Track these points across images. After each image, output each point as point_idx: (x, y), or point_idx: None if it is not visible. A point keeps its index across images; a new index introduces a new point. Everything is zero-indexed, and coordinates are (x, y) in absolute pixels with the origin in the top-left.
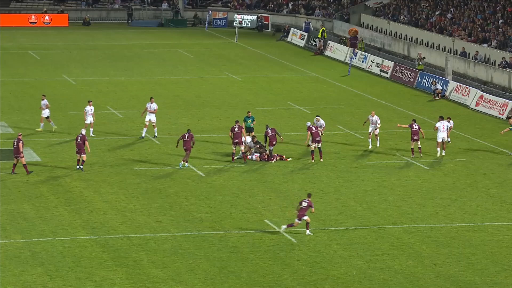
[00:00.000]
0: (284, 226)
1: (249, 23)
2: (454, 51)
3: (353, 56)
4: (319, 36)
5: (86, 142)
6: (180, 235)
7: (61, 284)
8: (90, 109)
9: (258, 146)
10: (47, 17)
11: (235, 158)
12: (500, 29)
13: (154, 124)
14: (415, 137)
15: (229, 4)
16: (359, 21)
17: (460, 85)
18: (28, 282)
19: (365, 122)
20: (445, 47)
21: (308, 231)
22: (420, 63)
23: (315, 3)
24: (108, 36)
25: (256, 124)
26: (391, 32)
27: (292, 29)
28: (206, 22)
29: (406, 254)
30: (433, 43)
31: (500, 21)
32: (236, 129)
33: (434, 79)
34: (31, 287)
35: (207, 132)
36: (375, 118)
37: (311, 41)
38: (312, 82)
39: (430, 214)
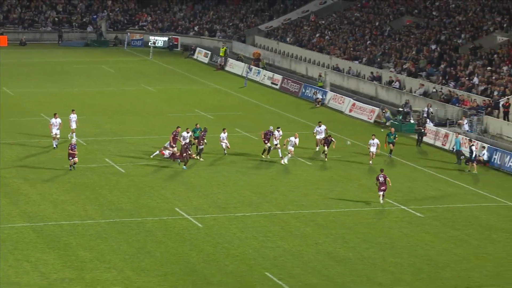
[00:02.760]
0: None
1: (162, 43)
2: (331, 67)
3: (248, 71)
4: (221, 54)
5: (75, 150)
6: (104, 222)
7: (1, 264)
8: (73, 116)
9: (169, 146)
10: None
11: (152, 156)
12: (368, 49)
13: (58, 137)
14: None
15: (144, 27)
16: (254, 42)
17: (336, 95)
18: None
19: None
20: (324, 63)
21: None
22: (321, 80)
23: (217, 26)
24: (42, 54)
25: (174, 128)
26: (280, 51)
27: (198, 48)
28: (125, 42)
29: (292, 235)
30: (314, 60)
31: (368, 42)
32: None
33: (315, 90)
34: None
35: (127, 135)
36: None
37: (214, 59)
38: (215, 93)
39: (312, 201)
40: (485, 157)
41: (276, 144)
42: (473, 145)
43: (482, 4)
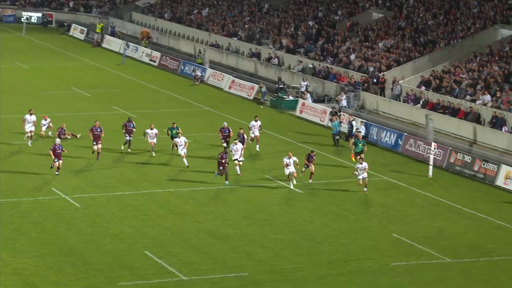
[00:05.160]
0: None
1: (35, 19)
2: (210, 43)
3: (126, 48)
4: (98, 31)
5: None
6: None
7: None
8: (30, 118)
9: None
10: None
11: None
12: (246, 25)
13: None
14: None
15: (16, 2)
16: (131, 18)
17: (216, 72)
18: None
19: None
20: (203, 40)
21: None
22: (200, 57)
23: (93, 2)
24: None
25: (47, 107)
26: (158, 27)
27: (73, 25)
28: None
29: (172, 213)
30: (193, 37)
31: (247, 18)
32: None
33: (194, 67)
34: None
35: (1, 114)
36: (293, 159)
37: (90, 35)
38: (92, 70)
39: (192, 178)
40: (363, 133)
41: (239, 160)
42: (353, 120)
43: None
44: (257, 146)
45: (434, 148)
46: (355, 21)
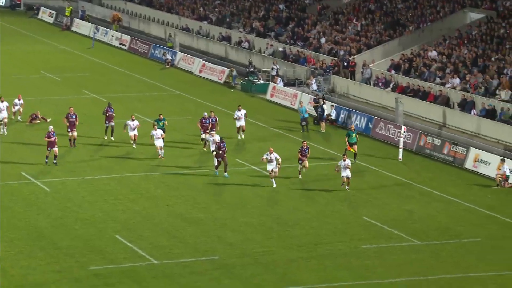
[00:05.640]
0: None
1: (3, 2)
2: (181, 27)
3: (96, 32)
4: (67, 14)
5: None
6: None
7: None
8: (2, 105)
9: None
10: None
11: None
12: (217, 9)
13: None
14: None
15: None
16: (100, 1)
17: (186, 56)
18: None
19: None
20: (173, 23)
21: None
22: (170, 41)
23: None
24: None
25: (16, 91)
26: (128, 11)
27: (42, 8)
28: None
29: (143, 198)
30: (163, 20)
31: (217, 2)
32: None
33: (165, 51)
34: None
35: None
36: (274, 155)
37: (59, 19)
38: (61, 53)
39: (163, 163)
40: (333, 116)
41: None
42: (324, 103)
43: None
44: (243, 135)
45: (404, 132)
46: (325, 4)
